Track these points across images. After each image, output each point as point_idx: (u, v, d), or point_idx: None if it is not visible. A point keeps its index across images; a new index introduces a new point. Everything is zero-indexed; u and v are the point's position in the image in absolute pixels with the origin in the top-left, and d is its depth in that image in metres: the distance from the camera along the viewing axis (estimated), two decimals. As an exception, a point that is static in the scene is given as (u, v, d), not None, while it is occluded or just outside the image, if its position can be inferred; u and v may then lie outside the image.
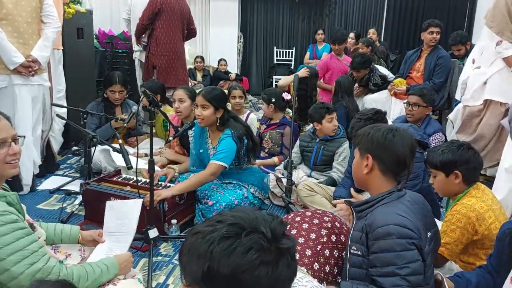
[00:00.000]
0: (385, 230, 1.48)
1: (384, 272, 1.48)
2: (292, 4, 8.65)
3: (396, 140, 1.60)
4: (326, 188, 3.02)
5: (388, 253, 1.47)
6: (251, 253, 0.84)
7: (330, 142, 3.31)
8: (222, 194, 2.85)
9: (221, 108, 2.85)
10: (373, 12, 8.48)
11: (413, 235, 1.48)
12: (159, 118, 3.71)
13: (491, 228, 1.93)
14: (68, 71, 4.06)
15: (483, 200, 1.97)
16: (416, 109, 3.45)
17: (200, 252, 0.86)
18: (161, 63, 4.56)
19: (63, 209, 3.00)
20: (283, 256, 0.88)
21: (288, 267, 0.89)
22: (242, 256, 0.84)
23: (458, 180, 2.01)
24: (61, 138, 3.94)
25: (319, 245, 1.85)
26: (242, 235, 0.86)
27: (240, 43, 8.68)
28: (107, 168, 3.50)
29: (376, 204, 1.59)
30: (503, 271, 1.65)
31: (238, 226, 0.88)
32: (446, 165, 2.01)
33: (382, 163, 1.62)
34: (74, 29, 4.27)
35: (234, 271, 0.83)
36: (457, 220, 1.93)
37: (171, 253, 2.54)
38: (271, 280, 0.86)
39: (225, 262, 0.84)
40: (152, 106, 2.45)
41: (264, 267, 0.85)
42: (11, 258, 1.39)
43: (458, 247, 1.95)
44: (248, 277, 0.84)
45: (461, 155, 2.00)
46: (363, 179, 1.69)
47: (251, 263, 0.84)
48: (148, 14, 4.44)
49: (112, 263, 1.70)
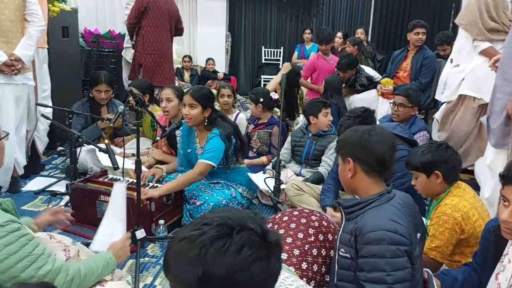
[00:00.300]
0: (376, 235, 1.47)
1: (371, 277, 1.47)
2: (280, 4, 8.66)
3: (373, 139, 1.61)
4: (314, 187, 3.02)
5: (378, 258, 1.46)
6: (245, 250, 0.84)
7: (323, 138, 3.35)
8: (210, 194, 2.83)
9: (208, 107, 2.84)
10: (360, 12, 8.54)
11: (405, 241, 1.47)
12: (146, 118, 3.68)
13: (475, 226, 1.95)
14: (53, 70, 4.00)
15: (465, 199, 2.00)
16: (401, 109, 3.48)
17: (191, 257, 0.85)
18: (147, 62, 4.54)
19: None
20: (274, 249, 0.89)
21: (278, 260, 0.90)
22: (235, 255, 0.83)
23: (439, 180, 2.04)
24: (46, 138, 3.89)
25: (307, 244, 1.86)
26: (233, 234, 0.86)
27: (228, 42, 8.66)
28: (93, 168, 3.46)
29: (367, 206, 1.58)
30: (488, 268, 1.67)
31: (226, 225, 0.87)
32: (426, 165, 2.05)
33: (363, 164, 1.62)
34: (59, 28, 4.21)
35: (230, 271, 0.83)
36: (444, 221, 1.95)
37: (159, 253, 2.52)
38: (265, 275, 0.86)
39: (220, 264, 0.83)
40: (138, 106, 2.43)
41: (258, 263, 0.85)
42: (19, 266, 1.42)
43: (449, 248, 1.97)
44: (243, 275, 0.83)
45: (440, 155, 2.04)
46: (349, 183, 1.69)
47: (245, 260, 0.83)
48: (134, 13, 4.45)
49: (110, 258, 1.76)
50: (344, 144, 1.68)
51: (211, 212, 0.94)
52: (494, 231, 1.64)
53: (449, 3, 8.03)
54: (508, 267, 1.54)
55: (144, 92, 3.64)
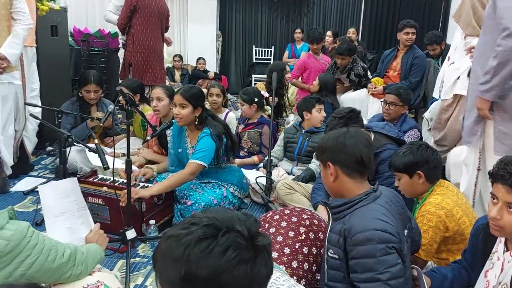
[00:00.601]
0: (365, 236, 1.48)
1: (364, 278, 1.48)
2: (271, 3, 8.67)
3: (349, 141, 1.64)
4: (305, 186, 3.03)
5: (369, 259, 1.47)
6: (229, 253, 0.83)
7: (315, 134, 3.36)
8: (201, 194, 2.83)
9: (199, 107, 2.83)
10: (350, 11, 8.57)
11: (393, 239, 1.49)
12: (137, 117, 3.66)
13: (460, 223, 1.98)
14: (42, 69, 3.96)
15: (448, 197, 2.03)
16: (392, 108, 3.50)
17: (176, 256, 0.84)
18: (137, 61, 4.52)
19: (38, 211, 2.93)
20: (260, 254, 0.87)
21: (265, 265, 0.88)
22: (220, 257, 0.83)
23: (421, 180, 2.07)
24: (35, 138, 3.85)
25: (298, 243, 1.86)
26: (218, 235, 0.85)
27: (219, 41, 8.65)
28: (83, 168, 3.44)
29: (354, 206, 1.59)
30: (478, 265, 1.69)
31: (213, 226, 0.87)
32: (408, 166, 2.08)
33: (343, 166, 1.64)
34: (48, 27, 4.17)
35: (213, 272, 0.82)
36: (428, 220, 1.97)
37: (149, 254, 2.51)
38: (249, 279, 0.85)
39: (203, 265, 0.82)
40: (128, 105, 2.42)
41: (243, 266, 0.84)
42: (50, 258, 1.51)
43: (433, 246, 1.99)
44: (228, 277, 0.83)
45: (421, 155, 2.07)
46: (333, 188, 1.71)
47: (230, 262, 0.83)
48: (125, 13, 4.41)
49: (97, 246, 1.84)
50: (322, 150, 1.71)
51: (202, 212, 0.93)
52: (483, 229, 1.66)
53: (439, 3, 8.09)
54: (497, 264, 1.56)
55: (134, 91, 3.62)
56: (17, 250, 1.42)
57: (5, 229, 1.41)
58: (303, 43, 7.77)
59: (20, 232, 1.44)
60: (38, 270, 1.47)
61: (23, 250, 1.43)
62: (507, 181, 1.40)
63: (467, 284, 1.78)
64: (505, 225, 1.44)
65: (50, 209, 2.21)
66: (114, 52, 6.05)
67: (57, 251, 1.55)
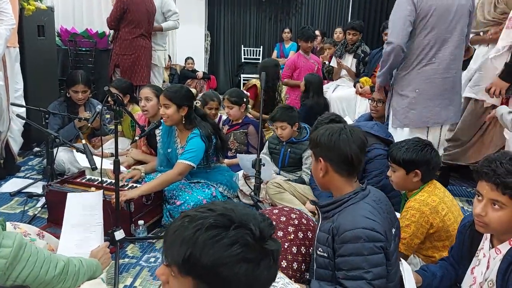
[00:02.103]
0: (354, 234, 1.49)
1: (350, 275, 1.50)
2: (259, 3, 8.68)
3: (342, 139, 1.63)
4: (294, 185, 3.04)
5: (356, 257, 1.49)
6: (235, 247, 0.84)
7: (297, 144, 3.29)
8: (190, 194, 2.82)
9: (184, 106, 2.80)
10: (338, 11, 8.63)
11: (381, 238, 1.50)
12: (126, 118, 3.63)
13: (445, 220, 2.00)
14: (29, 70, 3.92)
15: (434, 194, 2.05)
16: (380, 105, 3.52)
17: (185, 236, 0.86)
18: (125, 63, 4.50)
19: (25, 212, 2.91)
20: (266, 257, 0.88)
21: (269, 269, 0.88)
22: (225, 249, 0.84)
23: (417, 178, 2.09)
24: (20, 139, 3.80)
25: (287, 243, 1.87)
26: (230, 227, 0.86)
27: (208, 41, 8.63)
28: (70, 169, 3.41)
29: (343, 204, 1.60)
30: (464, 262, 1.71)
31: (228, 217, 0.88)
32: (408, 163, 2.08)
33: (333, 164, 1.65)
34: (35, 27, 4.12)
35: (214, 262, 0.83)
36: (411, 215, 2.00)
37: (139, 254, 2.50)
38: (249, 279, 0.85)
39: (208, 252, 0.84)
40: (117, 105, 2.40)
41: (245, 264, 0.84)
42: (43, 270, 1.52)
43: (414, 241, 2.01)
44: (227, 271, 0.83)
45: (424, 155, 2.07)
46: (322, 182, 1.72)
47: (233, 257, 0.83)
48: (115, 15, 4.39)
49: (98, 264, 1.85)
50: (315, 144, 1.71)
51: (224, 202, 0.95)
52: (469, 226, 1.68)
53: None
54: (483, 261, 1.59)
55: (124, 92, 3.60)
56: (14, 265, 1.43)
57: (2, 246, 1.42)
58: (291, 43, 7.79)
59: (18, 246, 1.45)
60: (32, 282, 1.48)
61: (19, 263, 1.45)
62: (491, 179, 1.42)
63: (455, 281, 1.80)
64: (489, 222, 1.46)
65: (70, 217, 2.22)
66: (102, 52, 6.01)
67: (50, 262, 1.54)
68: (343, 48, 5.32)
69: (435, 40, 2.87)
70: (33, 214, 2.88)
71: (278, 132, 3.28)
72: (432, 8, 2.81)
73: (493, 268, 1.51)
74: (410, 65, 2.95)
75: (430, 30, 2.85)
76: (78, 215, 2.24)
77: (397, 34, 2.82)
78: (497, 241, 1.54)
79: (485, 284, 1.54)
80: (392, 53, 2.86)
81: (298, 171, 3.32)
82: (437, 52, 2.89)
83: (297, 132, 3.31)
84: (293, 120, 3.25)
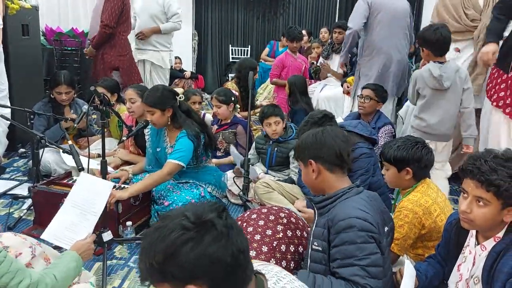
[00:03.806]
0: (347, 222, 1.53)
1: (344, 263, 1.52)
2: (247, 3, 8.68)
3: (326, 136, 1.71)
4: (283, 185, 3.04)
5: (350, 245, 1.52)
6: (175, 232, 0.92)
7: (284, 144, 3.31)
8: (178, 194, 2.80)
9: (168, 108, 2.78)
10: (325, 11, 8.67)
11: (373, 229, 1.54)
12: (113, 118, 3.60)
13: (436, 221, 2.01)
14: (13, 70, 3.87)
15: (427, 194, 2.06)
16: (368, 101, 3.55)
17: (143, 249, 0.97)
18: (124, 64, 4.44)
19: (10, 215, 2.86)
20: (209, 230, 0.93)
21: (217, 241, 0.93)
22: (168, 237, 0.92)
23: (408, 176, 2.10)
24: (5, 140, 3.75)
25: (275, 241, 1.87)
26: (166, 223, 0.95)
27: (195, 40, 8.60)
28: (56, 170, 3.37)
29: (337, 199, 1.64)
30: (451, 259, 1.74)
31: (167, 217, 0.97)
32: (399, 161, 2.08)
33: (324, 161, 1.69)
34: (19, 26, 4.06)
35: (166, 254, 0.91)
36: (405, 216, 2.01)
37: (127, 255, 2.48)
38: (200, 256, 0.91)
39: (158, 249, 0.92)
40: (103, 105, 2.38)
41: (190, 243, 0.91)
42: (1, 283, 1.43)
43: (407, 241, 2.02)
44: (179, 256, 0.90)
45: (415, 153, 2.07)
46: (315, 185, 1.75)
47: (176, 240, 0.91)
48: (115, 15, 4.24)
49: (78, 258, 1.77)
50: (302, 149, 1.75)
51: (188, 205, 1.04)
52: (456, 224, 1.70)
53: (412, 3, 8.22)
54: (469, 258, 1.61)
55: (113, 91, 3.57)
56: None
57: None
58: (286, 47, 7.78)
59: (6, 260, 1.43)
60: None
61: None
62: (475, 176, 1.45)
63: (442, 278, 1.83)
64: (474, 218, 1.48)
65: (74, 196, 2.16)
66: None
67: (12, 278, 1.46)
68: (330, 48, 5.34)
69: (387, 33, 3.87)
70: (19, 216, 2.84)
71: (272, 128, 3.29)
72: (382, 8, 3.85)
73: (479, 264, 1.53)
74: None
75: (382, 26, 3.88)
76: (82, 196, 2.16)
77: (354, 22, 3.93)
78: (482, 238, 1.56)
79: (471, 281, 1.56)
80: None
81: (286, 169, 3.34)
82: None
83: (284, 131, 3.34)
84: (283, 116, 3.35)
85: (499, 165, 1.43)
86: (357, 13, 3.95)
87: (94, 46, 4.42)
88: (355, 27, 3.92)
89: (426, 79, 2.96)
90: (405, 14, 3.99)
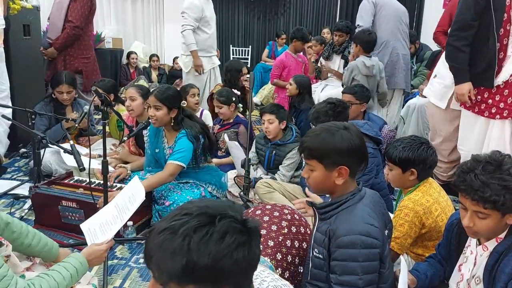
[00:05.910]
0: (350, 240, 1.48)
1: (343, 280, 1.49)
2: (247, 3, 8.68)
3: (356, 141, 1.58)
4: (284, 185, 3.04)
5: (351, 262, 1.48)
6: (228, 237, 0.85)
7: (282, 147, 3.27)
8: (179, 194, 2.81)
9: (174, 108, 2.80)
10: (326, 12, 8.67)
11: (377, 244, 1.49)
12: (112, 118, 3.61)
13: (437, 220, 2.01)
14: (15, 70, 3.87)
15: (429, 194, 2.05)
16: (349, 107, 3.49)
17: (175, 247, 0.84)
18: (88, 66, 4.42)
19: (12, 215, 2.86)
20: (254, 236, 0.90)
21: (258, 246, 0.90)
22: (220, 242, 0.84)
23: (413, 177, 2.08)
24: (6, 140, 3.75)
25: (281, 236, 1.88)
26: (215, 222, 0.86)
27: (196, 41, 8.58)
28: (58, 170, 3.37)
29: (340, 206, 1.58)
30: (452, 259, 1.73)
31: (207, 214, 0.88)
32: (404, 162, 2.05)
33: (353, 165, 1.59)
34: (20, 26, 4.07)
35: (214, 258, 0.83)
36: (405, 214, 2.00)
37: (127, 255, 2.48)
38: (247, 261, 0.87)
39: (204, 252, 0.83)
40: (104, 105, 2.38)
41: (241, 249, 0.85)
42: None
43: (407, 240, 2.02)
44: (228, 262, 0.84)
45: (420, 154, 2.04)
46: (331, 188, 1.63)
47: (229, 247, 0.84)
48: (85, 16, 4.23)
49: (82, 263, 1.68)
50: (329, 153, 1.57)
51: (189, 203, 0.94)
52: (457, 224, 1.69)
53: (412, 2, 8.24)
54: (470, 258, 1.60)
55: (109, 91, 3.57)
56: None
57: None
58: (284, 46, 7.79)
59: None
60: None
61: None
62: (469, 194, 1.42)
63: (443, 278, 1.82)
64: (479, 230, 1.47)
65: (121, 196, 2.10)
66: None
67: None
68: (330, 49, 5.32)
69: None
70: (20, 216, 2.85)
71: (265, 126, 3.27)
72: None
73: (480, 265, 1.53)
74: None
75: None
76: (123, 199, 2.10)
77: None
78: (484, 238, 1.56)
79: (472, 281, 1.55)
80: None
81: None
82: None
83: (283, 133, 3.31)
84: (281, 117, 3.26)
85: (490, 178, 1.38)
86: (364, 12, 4.19)
87: (58, 48, 4.26)
88: (366, 25, 4.14)
89: (360, 68, 3.89)
90: (404, 13, 4.30)
